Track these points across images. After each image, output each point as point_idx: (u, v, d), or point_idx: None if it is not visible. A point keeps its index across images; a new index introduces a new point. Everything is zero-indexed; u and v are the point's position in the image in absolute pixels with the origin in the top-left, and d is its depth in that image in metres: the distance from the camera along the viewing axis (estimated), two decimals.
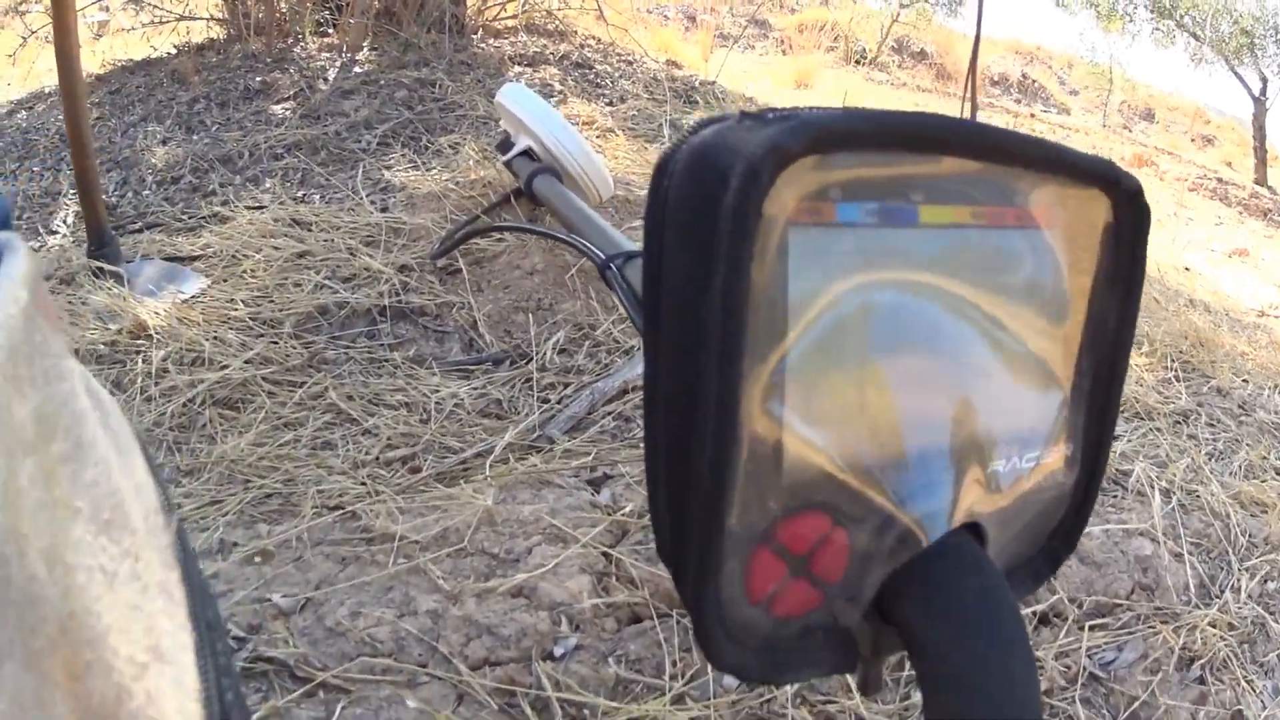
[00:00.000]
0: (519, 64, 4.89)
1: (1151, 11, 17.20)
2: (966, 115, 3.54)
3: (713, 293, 0.46)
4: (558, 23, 5.88)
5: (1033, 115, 13.26)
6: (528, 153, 2.66)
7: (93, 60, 5.95)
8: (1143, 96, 19.45)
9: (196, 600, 0.46)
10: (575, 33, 5.82)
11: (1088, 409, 0.63)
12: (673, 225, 0.49)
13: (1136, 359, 3.04)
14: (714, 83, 5.31)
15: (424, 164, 3.49)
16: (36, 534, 0.32)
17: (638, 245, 1.67)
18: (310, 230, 2.98)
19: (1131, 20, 17.62)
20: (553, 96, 4.47)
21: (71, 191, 3.76)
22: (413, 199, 3.12)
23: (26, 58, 5.99)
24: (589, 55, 5.30)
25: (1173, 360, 3.08)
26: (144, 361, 2.39)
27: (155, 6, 6.13)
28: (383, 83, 4.29)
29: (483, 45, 5.09)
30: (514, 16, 5.70)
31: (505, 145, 2.75)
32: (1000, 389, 0.58)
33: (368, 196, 3.23)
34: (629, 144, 3.97)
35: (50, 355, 0.37)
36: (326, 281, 2.69)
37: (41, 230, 3.66)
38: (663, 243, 0.50)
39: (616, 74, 5.09)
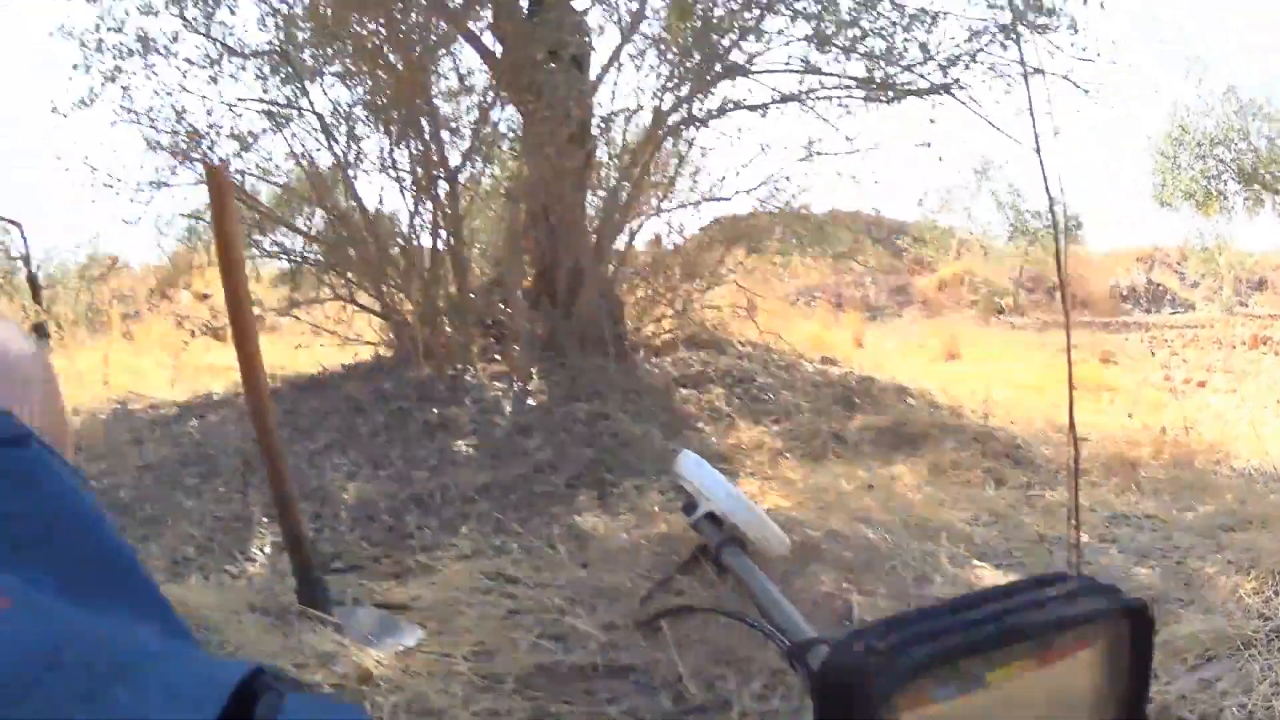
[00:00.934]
0: (684, 385, 5.46)
1: (1239, 181, 17.87)
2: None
3: None
4: (713, 332, 6.46)
5: (1152, 337, 13.49)
6: (710, 515, 3.14)
7: None
8: (1250, 266, 19.80)
9: None
10: (732, 342, 6.40)
11: None
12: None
13: (1244, 582, 3.35)
14: (870, 380, 5.81)
15: (612, 508, 4.00)
16: None
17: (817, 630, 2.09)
18: (516, 584, 3.48)
19: (1225, 197, 18.28)
20: (721, 421, 5.01)
21: (264, 519, 4.25)
22: (607, 553, 3.62)
23: (183, 351, 6.64)
24: (748, 367, 5.84)
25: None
26: (373, 708, 2.83)
27: (319, 327, 6.85)
28: (558, 417, 4.85)
29: (647, 366, 5.68)
30: (671, 331, 6.30)
31: (689, 508, 3.22)
32: None
33: (564, 547, 3.73)
34: (798, 468, 4.45)
35: None
36: (540, 641, 3.15)
37: (237, 555, 4.13)
38: None
39: (778, 385, 5.62)
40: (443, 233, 6.37)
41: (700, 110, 6.26)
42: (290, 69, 6.38)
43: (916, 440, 4.91)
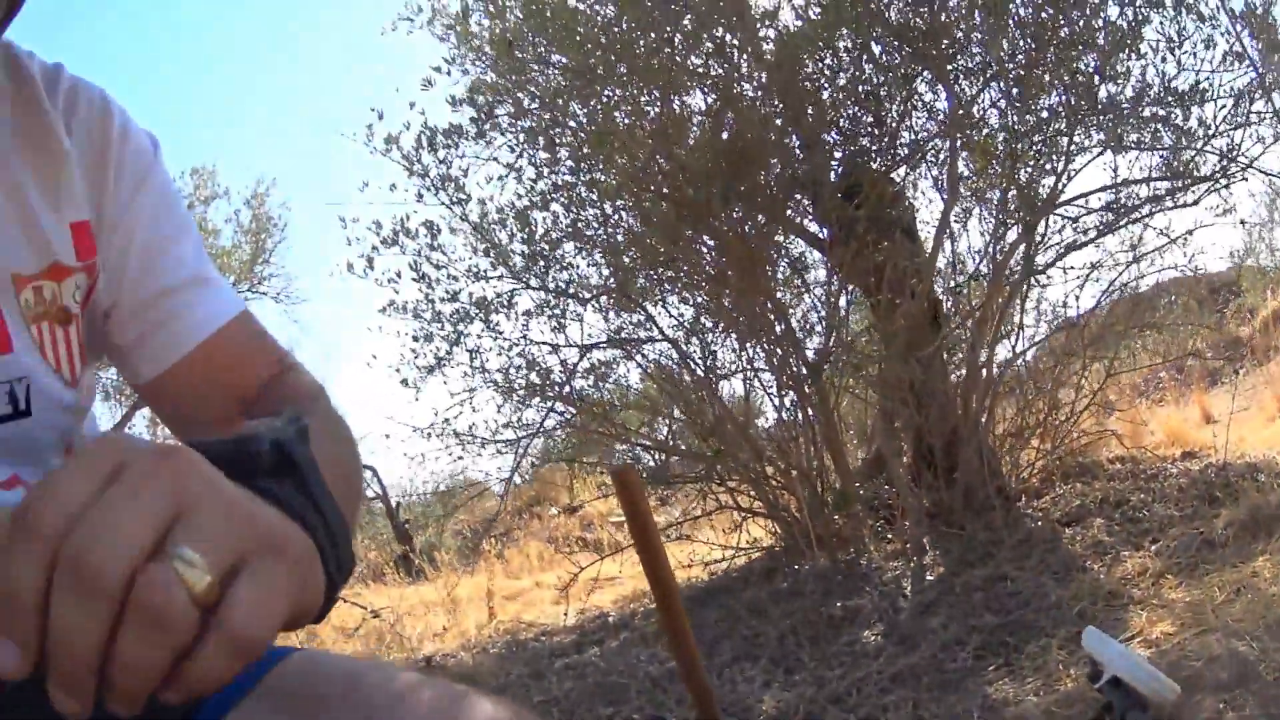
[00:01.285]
0: (1067, 525, 5.63)
1: None
2: None
3: None
4: (1081, 459, 6.67)
5: None
6: (1114, 680, 3.47)
7: (635, 579, 6.94)
8: None
9: None
10: (1101, 464, 6.59)
11: None
12: None
13: None
14: (1225, 467, 5.93)
15: (1019, 674, 4.25)
16: None
17: None
18: None
19: None
20: (1107, 554, 5.18)
21: None
22: None
23: (572, 583, 7.14)
24: (1120, 489, 5.98)
25: None
26: None
27: (711, 542, 7.30)
28: (957, 589, 5.07)
29: (1028, 513, 5.89)
30: (1044, 470, 6.52)
31: (1095, 675, 3.57)
32: None
33: None
34: (1176, 586, 4.55)
35: None
36: None
37: None
38: None
39: (1150, 499, 5.75)
40: (814, 425, 6.79)
41: (1034, 251, 6.50)
42: (629, 298, 6.95)
43: (1271, 525, 4.97)
